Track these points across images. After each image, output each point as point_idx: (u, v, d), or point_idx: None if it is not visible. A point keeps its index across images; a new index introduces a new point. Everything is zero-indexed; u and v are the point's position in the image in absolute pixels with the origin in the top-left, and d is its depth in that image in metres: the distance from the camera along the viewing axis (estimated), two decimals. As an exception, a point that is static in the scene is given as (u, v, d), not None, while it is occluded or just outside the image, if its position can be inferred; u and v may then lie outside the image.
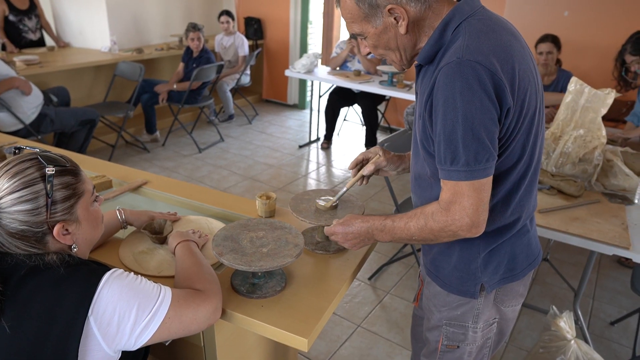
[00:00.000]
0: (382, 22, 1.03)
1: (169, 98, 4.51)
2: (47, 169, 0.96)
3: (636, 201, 1.95)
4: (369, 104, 4.52)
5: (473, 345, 1.25)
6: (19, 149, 1.03)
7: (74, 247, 1.02)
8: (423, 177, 1.17)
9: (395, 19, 1.02)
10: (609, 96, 2.00)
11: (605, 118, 2.10)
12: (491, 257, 1.15)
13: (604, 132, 2.05)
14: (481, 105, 0.92)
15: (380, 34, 1.05)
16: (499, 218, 1.10)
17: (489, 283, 1.16)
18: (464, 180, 0.97)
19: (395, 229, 1.10)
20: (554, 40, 3.30)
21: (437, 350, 1.29)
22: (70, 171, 1.01)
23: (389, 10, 1.00)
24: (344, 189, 1.38)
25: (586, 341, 2.04)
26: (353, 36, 4.38)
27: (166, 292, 1.00)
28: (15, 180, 0.94)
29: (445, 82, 0.94)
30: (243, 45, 5.19)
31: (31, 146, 1.69)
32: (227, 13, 5.11)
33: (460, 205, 0.99)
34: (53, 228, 0.97)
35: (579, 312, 2.08)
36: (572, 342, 1.71)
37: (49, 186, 0.95)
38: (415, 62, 1.10)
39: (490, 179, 0.99)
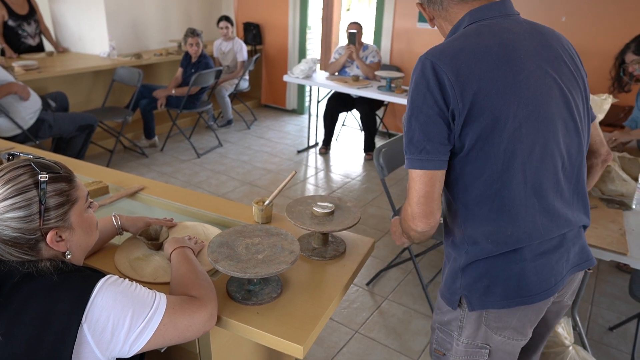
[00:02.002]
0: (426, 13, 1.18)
1: (167, 103, 4.52)
2: (40, 175, 0.96)
3: (634, 206, 1.94)
4: (368, 109, 4.52)
5: (456, 357, 1.22)
6: (13, 155, 1.03)
7: (68, 254, 1.02)
8: None
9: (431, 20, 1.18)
10: (606, 102, 2.01)
11: (602, 123, 2.10)
12: (471, 271, 1.11)
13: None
14: (424, 98, 0.99)
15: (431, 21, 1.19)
16: (476, 231, 1.08)
17: (470, 300, 1.12)
18: (409, 168, 1.04)
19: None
20: None
21: (432, 353, 1.31)
22: (63, 178, 1.00)
23: (419, 4, 1.18)
24: None
25: (584, 347, 2.03)
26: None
27: (161, 299, 1.00)
28: (8, 187, 0.94)
29: (411, 76, 1.05)
30: (242, 50, 5.20)
31: (27, 152, 1.69)
32: (227, 19, 5.13)
33: (414, 193, 1.04)
34: (46, 235, 0.96)
35: (577, 318, 2.07)
36: (571, 348, 1.71)
37: (42, 193, 0.95)
38: None
39: (432, 173, 1.02)
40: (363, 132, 4.74)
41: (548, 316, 1.27)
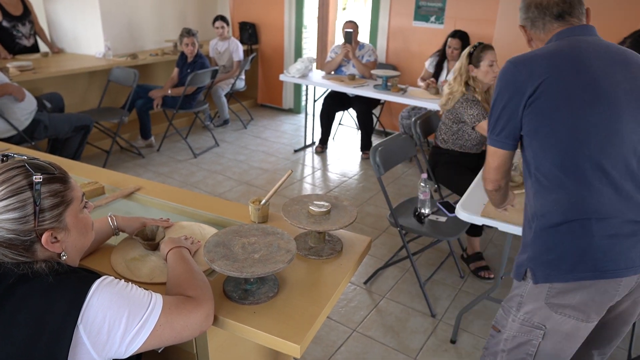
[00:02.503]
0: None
1: (163, 103, 4.50)
2: (34, 176, 0.95)
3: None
4: (364, 108, 4.52)
5: (509, 334, 1.29)
6: (7, 156, 1.02)
7: (63, 255, 1.01)
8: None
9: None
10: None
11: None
12: (538, 243, 1.22)
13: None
14: (501, 93, 1.26)
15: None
16: (545, 199, 1.21)
17: (534, 272, 1.22)
18: (489, 145, 1.33)
19: None
20: None
21: (491, 330, 1.39)
22: (58, 178, 1.00)
23: (521, 27, 1.42)
24: None
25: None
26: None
27: (157, 300, 1.00)
28: (2, 188, 0.93)
29: None
30: (238, 50, 5.19)
31: (21, 153, 1.68)
32: (222, 18, 5.12)
33: (486, 162, 1.37)
34: (41, 236, 0.96)
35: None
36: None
37: (36, 194, 0.95)
38: None
39: (501, 152, 1.31)
40: (359, 131, 4.74)
41: (623, 310, 1.28)
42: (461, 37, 4.03)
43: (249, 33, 5.85)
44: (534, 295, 1.22)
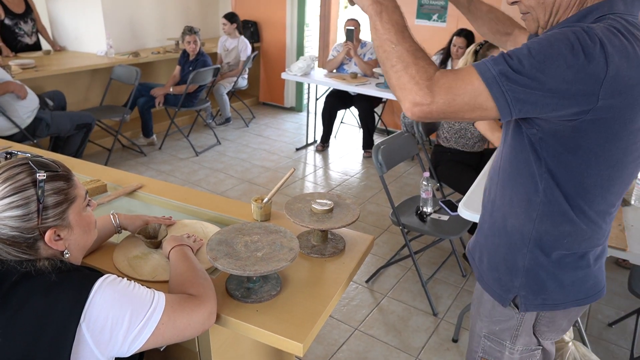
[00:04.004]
0: None
1: (165, 101, 4.50)
2: (38, 174, 0.95)
3: (633, 202, 1.94)
4: (366, 106, 4.52)
5: None
6: (11, 154, 1.02)
7: (66, 253, 1.01)
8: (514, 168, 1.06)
9: None
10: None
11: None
12: (534, 272, 1.08)
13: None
14: (566, 65, 0.82)
15: None
16: (554, 230, 1.03)
17: (525, 301, 1.10)
18: (480, 78, 0.86)
19: (399, 24, 0.95)
20: None
21: None
22: (61, 176, 1.00)
23: None
24: None
25: (584, 343, 2.03)
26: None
27: (160, 298, 1.00)
28: (5, 185, 0.93)
29: (561, 31, 0.86)
30: (246, 49, 5.18)
31: (24, 151, 1.68)
32: (226, 16, 5.11)
33: (445, 87, 0.87)
34: (44, 234, 0.96)
35: (577, 314, 2.07)
36: (570, 344, 1.71)
37: (40, 192, 0.94)
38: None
39: (488, 108, 0.87)
40: (361, 130, 4.73)
41: None
42: (467, 35, 4.02)
43: (251, 31, 5.85)
44: (527, 325, 1.15)
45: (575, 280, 1.08)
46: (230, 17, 5.12)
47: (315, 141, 4.99)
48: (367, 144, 4.65)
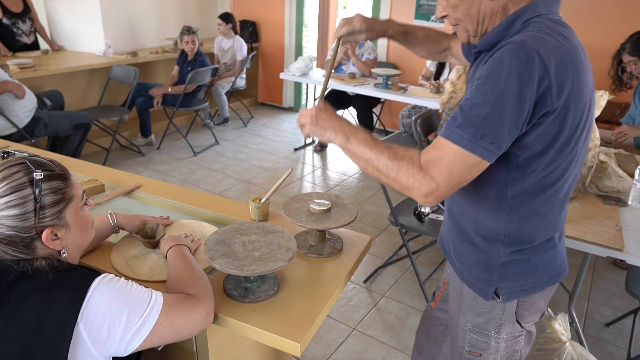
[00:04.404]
0: None
1: (163, 101, 4.50)
2: (35, 173, 0.95)
3: (630, 203, 1.95)
4: (364, 106, 4.52)
5: (496, 355, 1.24)
6: (8, 153, 1.02)
7: (64, 253, 1.01)
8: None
9: None
10: (602, 98, 2.01)
11: (598, 120, 2.10)
12: (511, 264, 1.14)
13: (597, 134, 2.06)
14: (519, 94, 0.91)
15: None
16: (525, 227, 1.10)
17: (506, 291, 1.15)
18: (460, 147, 0.94)
19: (369, 144, 1.04)
20: None
21: (462, 356, 1.29)
22: (59, 175, 1.00)
23: None
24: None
25: (581, 343, 2.03)
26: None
27: (157, 297, 1.00)
28: (2, 185, 0.93)
29: (500, 57, 0.93)
30: (242, 49, 5.18)
31: (22, 150, 1.68)
32: (221, 16, 5.11)
33: (438, 169, 0.96)
34: (42, 233, 0.96)
35: (574, 314, 2.08)
36: (567, 344, 1.71)
37: (37, 191, 0.94)
38: (474, 49, 1.11)
39: (481, 163, 0.95)
40: (360, 130, 4.73)
41: None
42: None
43: (249, 31, 5.85)
44: (510, 314, 1.20)
45: (547, 262, 1.16)
46: (226, 17, 5.12)
47: (313, 141, 4.99)
48: (366, 144, 4.64)
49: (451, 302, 1.33)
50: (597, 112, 2.04)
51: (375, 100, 4.63)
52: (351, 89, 4.20)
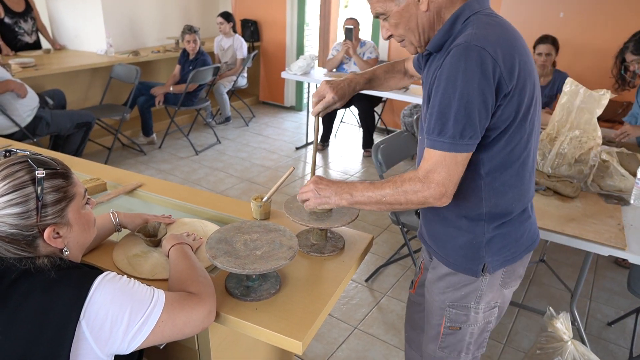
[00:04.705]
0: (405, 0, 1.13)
1: (165, 100, 4.50)
2: (37, 171, 0.95)
3: (632, 202, 1.94)
4: (366, 105, 4.52)
5: (475, 326, 1.33)
6: (10, 151, 1.02)
7: (66, 251, 1.01)
8: None
9: None
10: (604, 97, 2.00)
11: (600, 119, 2.10)
12: (495, 239, 1.22)
13: (599, 133, 2.05)
14: (479, 88, 1.02)
15: (402, 12, 1.13)
16: (501, 200, 1.19)
17: (492, 264, 1.23)
18: (446, 152, 1.06)
19: (370, 187, 1.15)
20: (553, 42, 3.30)
21: (440, 334, 1.36)
22: (61, 174, 1.00)
23: None
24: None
25: (583, 342, 2.03)
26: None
27: (159, 295, 1.00)
28: (4, 183, 0.93)
29: (451, 62, 1.04)
30: (242, 47, 5.18)
31: (23, 149, 1.69)
32: (222, 15, 5.11)
33: (438, 174, 1.07)
34: (44, 231, 0.96)
35: (576, 313, 2.08)
36: (569, 343, 1.71)
37: (39, 189, 0.95)
38: (425, 52, 1.20)
39: (468, 155, 1.08)
40: (361, 129, 4.73)
41: None
42: None
43: (250, 30, 5.85)
44: (492, 284, 1.27)
45: (524, 233, 1.26)
46: (227, 16, 5.13)
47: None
48: (367, 143, 4.65)
49: (428, 285, 1.39)
50: (598, 111, 2.04)
51: (377, 99, 4.62)
52: (353, 88, 4.19)
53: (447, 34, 1.12)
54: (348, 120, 5.70)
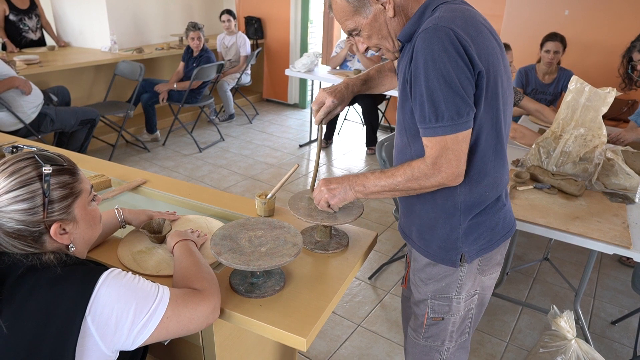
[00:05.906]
0: (371, 10, 1.15)
1: (169, 97, 4.51)
2: (44, 168, 0.96)
3: (637, 200, 1.94)
4: (370, 103, 4.51)
5: (457, 316, 1.35)
6: (17, 147, 1.02)
7: (72, 247, 1.02)
8: (406, 152, 1.25)
9: (382, 4, 1.14)
10: (609, 95, 1.99)
11: (605, 117, 2.09)
12: (471, 229, 1.24)
13: (604, 131, 2.04)
14: (457, 65, 1.02)
15: (372, 23, 1.16)
16: (476, 188, 1.19)
17: (469, 253, 1.25)
18: (449, 135, 1.07)
19: (382, 176, 1.17)
20: (562, 40, 3.29)
21: (423, 324, 1.39)
22: (67, 170, 1.00)
23: None
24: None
25: (587, 341, 2.03)
26: (351, 35, 4.37)
27: (164, 292, 1.00)
28: (12, 179, 0.93)
29: (423, 45, 1.04)
30: (245, 45, 5.19)
31: (29, 145, 1.69)
32: (228, 12, 5.11)
33: (446, 158, 1.09)
34: (50, 227, 0.96)
35: (580, 312, 2.07)
36: (573, 341, 1.71)
37: (45, 185, 0.95)
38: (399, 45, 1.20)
39: (470, 131, 1.09)
40: (365, 127, 4.73)
41: None
42: None
43: (254, 27, 5.84)
44: (470, 273, 1.29)
45: (499, 221, 1.28)
46: (232, 13, 5.13)
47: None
48: (371, 141, 4.65)
49: (411, 277, 1.42)
50: (604, 109, 2.03)
51: (381, 97, 4.62)
52: (356, 85, 4.18)
53: (416, 24, 1.12)
54: (352, 118, 5.70)
